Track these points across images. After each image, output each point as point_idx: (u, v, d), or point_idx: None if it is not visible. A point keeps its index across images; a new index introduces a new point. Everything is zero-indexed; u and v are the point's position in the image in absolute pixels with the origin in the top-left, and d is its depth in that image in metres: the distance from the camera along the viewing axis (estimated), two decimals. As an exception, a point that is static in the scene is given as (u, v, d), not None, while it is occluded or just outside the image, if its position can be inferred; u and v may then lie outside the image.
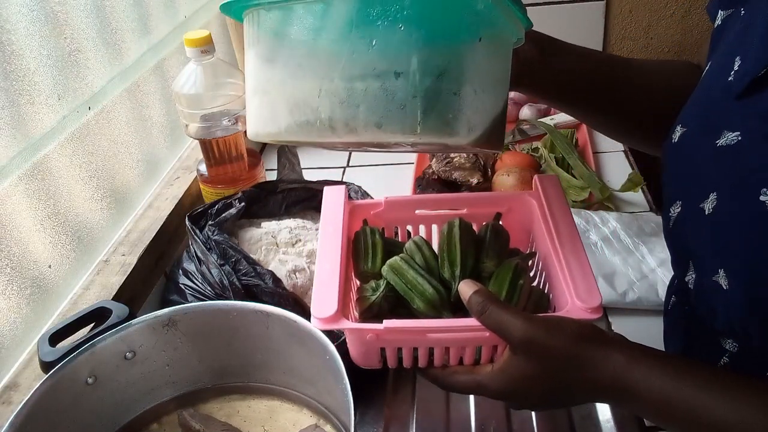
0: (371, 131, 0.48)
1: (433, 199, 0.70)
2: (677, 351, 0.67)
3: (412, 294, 0.60)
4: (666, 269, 0.89)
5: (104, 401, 0.63)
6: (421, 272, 0.61)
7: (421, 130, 0.48)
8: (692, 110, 0.60)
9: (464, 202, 0.70)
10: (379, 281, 0.62)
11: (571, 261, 0.58)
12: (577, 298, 0.54)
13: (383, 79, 0.47)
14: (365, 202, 0.70)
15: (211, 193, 1.02)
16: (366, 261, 0.64)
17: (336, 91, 0.48)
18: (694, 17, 1.42)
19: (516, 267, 0.60)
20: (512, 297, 0.58)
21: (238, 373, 0.69)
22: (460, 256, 0.62)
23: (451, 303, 0.60)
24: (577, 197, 1.08)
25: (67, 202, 0.82)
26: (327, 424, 0.64)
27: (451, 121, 0.49)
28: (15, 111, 0.72)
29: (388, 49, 0.47)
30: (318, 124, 0.49)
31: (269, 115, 0.52)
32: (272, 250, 0.86)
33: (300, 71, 0.50)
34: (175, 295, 0.83)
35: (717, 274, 0.51)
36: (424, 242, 0.66)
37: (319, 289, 0.57)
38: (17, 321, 0.73)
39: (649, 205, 1.08)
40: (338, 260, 0.60)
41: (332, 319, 0.54)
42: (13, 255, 0.72)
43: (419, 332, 0.55)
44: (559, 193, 0.66)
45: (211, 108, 0.95)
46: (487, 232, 0.65)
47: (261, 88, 0.53)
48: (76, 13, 0.84)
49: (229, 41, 1.25)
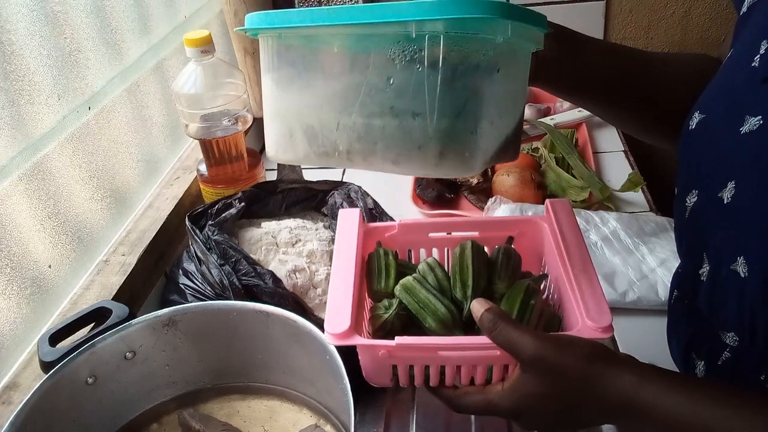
0: (388, 166, 0.49)
1: (446, 222, 0.72)
2: (679, 345, 0.67)
3: (425, 313, 0.61)
4: (666, 269, 0.89)
5: (104, 401, 0.63)
6: (434, 292, 0.62)
7: (436, 169, 0.48)
8: (712, 96, 0.59)
9: (477, 225, 0.72)
10: (392, 300, 0.63)
11: (582, 282, 0.58)
12: (588, 318, 0.54)
13: (401, 118, 0.47)
14: (380, 225, 0.71)
15: (211, 193, 1.02)
16: (379, 281, 0.65)
17: (354, 126, 0.48)
18: (694, 17, 1.42)
19: (527, 287, 0.61)
20: (524, 316, 0.59)
21: (238, 373, 0.69)
22: (472, 276, 0.62)
23: (463, 322, 0.61)
24: (577, 197, 1.08)
25: (67, 202, 0.82)
26: (327, 424, 0.64)
27: (467, 159, 0.49)
28: (15, 111, 0.72)
29: (406, 89, 0.47)
30: (336, 156, 0.50)
31: (288, 143, 0.52)
32: (272, 250, 0.86)
33: (318, 104, 0.50)
34: (175, 295, 0.83)
35: (735, 262, 0.51)
36: (437, 263, 0.67)
37: (332, 306, 0.58)
38: (17, 321, 0.73)
39: (649, 205, 1.07)
40: (351, 280, 0.60)
41: (345, 334, 0.55)
42: (13, 255, 0.72)
43: (430, 349, 0.56)
44: (569, 216, 0.66)
45: (211, 108, 0.95)
46: (499, 255, 0.66)
47: (279, 114, 0.53)
48: (76, 13, 0.84)
49: (229, 41, 1.25)
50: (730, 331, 0.56)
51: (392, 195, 1.07)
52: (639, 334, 0.78)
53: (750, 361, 0.55)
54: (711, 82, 0.60)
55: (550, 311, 0.64)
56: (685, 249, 0.62)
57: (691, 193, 0.58)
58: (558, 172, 1.12)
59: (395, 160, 0.48)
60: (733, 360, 0.57)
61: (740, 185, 0.52)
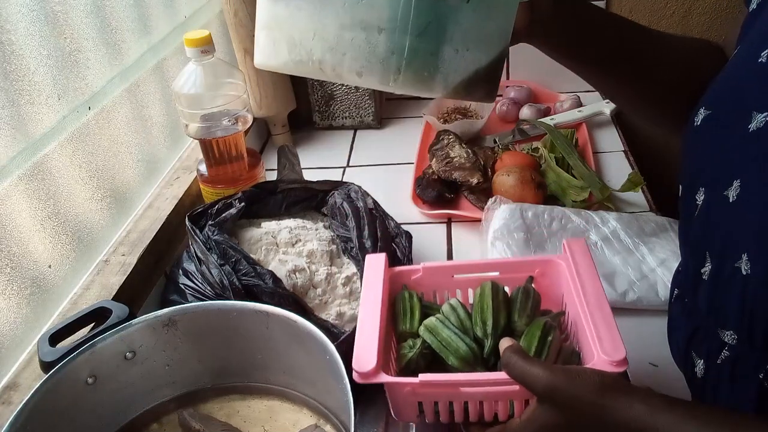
0: (353, 78, 0.54)
1: (468, 264, 0.75)
2: (679, 344, 0.68)
3: (447, 351, 0.64)
4: (666, 269, 0.89)
5: (104, 401, 0.63)
6: (455, 331, 0.65)
7: (394, 84, 0.53)
8: (717, 93, 0.59)
9: (498, 266, 0.74)
10: (416, 340, 0.66)
11: (597, 318, 0.60)
12: (602, 352, 0.56)
13: (368, 32, 0.52)
14: (405, 268, 0.75)
15: (211, 193, 1.02)
16: (404, 322, 0.69)
17: (327, 36, 0.53)
18: (694, 17, 1.41)
19: (545, 325, 0.64)
20: (542, 352, 0.61)
21: (238, 373, 0.69)
22: (491, 315, 0.66)
23: (484, 359, 0.64)
24: (577, 197, 1.07)
25: (67, 202, 0.82)
26: (327, 424, 0.64)
27: (425, 78, 0.53)
28: (15, 111, 0.72)
29: (375, 4, 0.51)
30: (310, 64, 0.55)
31: (272, 50, 0.57)
32: (272, 250, 0.86)
33: (298, 14, 0.54)
34: (175, 295, 0.83)
35: (739, 260, 0.51)
36: (459, 304, 0.70)
37: (360, 346, 0.61)
38: (17, 321, 0.73)
39: (649, 205, 1.07)
40: (377, 322, 0.64)
41: (371, 373, 0.58)
42: (13, 255, 0.72)
43: (452, 386, 0.59)
44: (585, 255, 0.68)
45: (211, 108, 0.95)
46: (519, 294, 0.68)
47: (267, 23, 0.57)
48: (76, 13, 0.84)
49: (229, 41, 1.25)
50: (728, 330, 0.56)
51: (392, 195, 1.07)
52: (639, 334, 0.78)
53: (749, 359, 0.55)
54: (717, 78, 0.60)
55: (569, 347, 0.66)
56: (689, 247, 0.62)
57: (698, 191, 0.58)
58: (558, 172, 1.12)
59: (359, 72, 0.53)
60: (732, 358, 0.57)
61: (746, 183, 0.51)
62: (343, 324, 0.80)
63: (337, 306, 0.82)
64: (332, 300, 0.83)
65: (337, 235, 0.91)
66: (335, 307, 0.82)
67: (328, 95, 1.37)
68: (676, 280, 0.72)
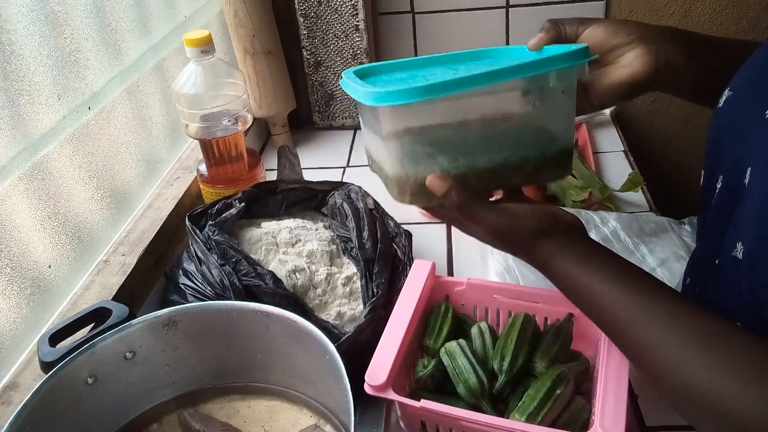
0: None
1: (512, 288, 0.76)
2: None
3: (458, 379, 0.67)
4: (666, 269, 0.89)
5: (104, 401, 0.63)
6: (471, 360, 0.68)
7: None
8: (743, 75, 0.58)
9: (541, 297, 0.74)
10: (432, 359, 0.70)
11: (610, 385, 0.60)
12: (601, 426, 0.56)
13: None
14: (450, 279, 0.78)
15: (211, 193, 1.02)
16: (430, 337, 0.73)
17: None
18: (694, 17, 1.41)
19: (558, 375, 0.63)
20: (545, 405, 0.61)
21: (238, 373, 0.69)
22: (512, 352, 0.67)
23: (492, 395, 0.66)
24: (577, 197, 1.07)
25: (67, 202, 0.82)
26: (327, 424, 0.64)
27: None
28: (15, 111, 0.72)
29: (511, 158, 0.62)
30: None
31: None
32: (272, 250, 0.86)
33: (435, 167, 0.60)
34: (175, 295, 0.83)
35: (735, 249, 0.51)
36: (488, 329, 0.72)
37: (377, 357, 0.65)
38: (17, 321, 0.73)
39: (649, 205, 1.07)
40: (401, 336, 0.67)
41: (380, 387, 0.62)
42: (13, 255, 0.72)
43: (452, 418, 0.61)
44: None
45: (211, 108, 0.95)
46: (549, 332, 0.70)
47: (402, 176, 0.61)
48: (76, 13, 0.84)
49: (229, 41, 1.25)
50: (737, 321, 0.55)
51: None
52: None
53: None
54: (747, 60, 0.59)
55: (581, 402, 0.64)
56: (706, 234, 0.62)
57: (717, 178, 0.58)
58: (558, 172, 1.12)
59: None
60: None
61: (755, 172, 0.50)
62: (343, 324, 0.80)
63: (337, 306, 0.82)
64: (332, 300, 0.83)
65: (337, 236, 0.91)
66: (335, 307, 0.82)
67: (328, 95, 1.37)
68: (689, 267, 0.72)
